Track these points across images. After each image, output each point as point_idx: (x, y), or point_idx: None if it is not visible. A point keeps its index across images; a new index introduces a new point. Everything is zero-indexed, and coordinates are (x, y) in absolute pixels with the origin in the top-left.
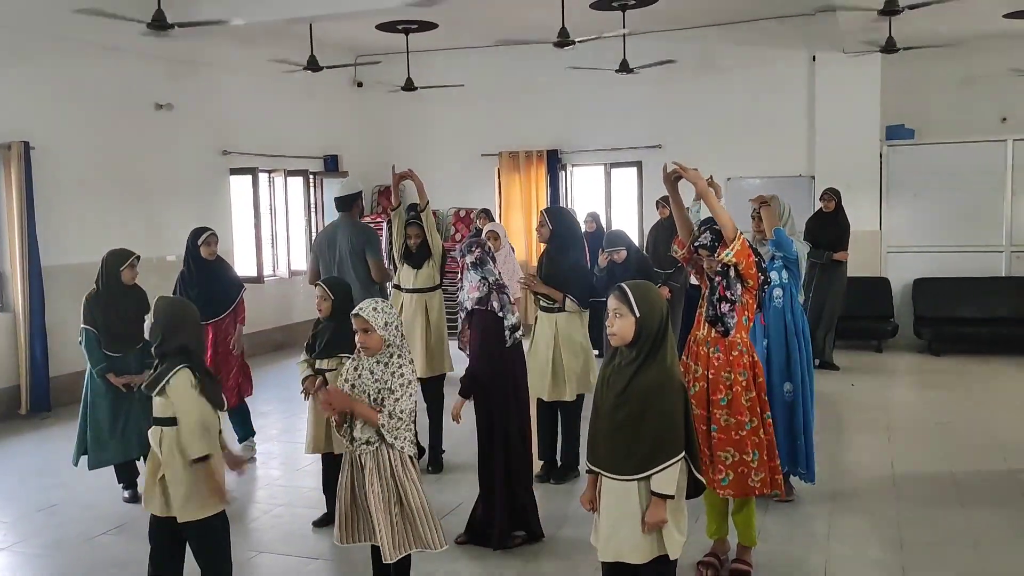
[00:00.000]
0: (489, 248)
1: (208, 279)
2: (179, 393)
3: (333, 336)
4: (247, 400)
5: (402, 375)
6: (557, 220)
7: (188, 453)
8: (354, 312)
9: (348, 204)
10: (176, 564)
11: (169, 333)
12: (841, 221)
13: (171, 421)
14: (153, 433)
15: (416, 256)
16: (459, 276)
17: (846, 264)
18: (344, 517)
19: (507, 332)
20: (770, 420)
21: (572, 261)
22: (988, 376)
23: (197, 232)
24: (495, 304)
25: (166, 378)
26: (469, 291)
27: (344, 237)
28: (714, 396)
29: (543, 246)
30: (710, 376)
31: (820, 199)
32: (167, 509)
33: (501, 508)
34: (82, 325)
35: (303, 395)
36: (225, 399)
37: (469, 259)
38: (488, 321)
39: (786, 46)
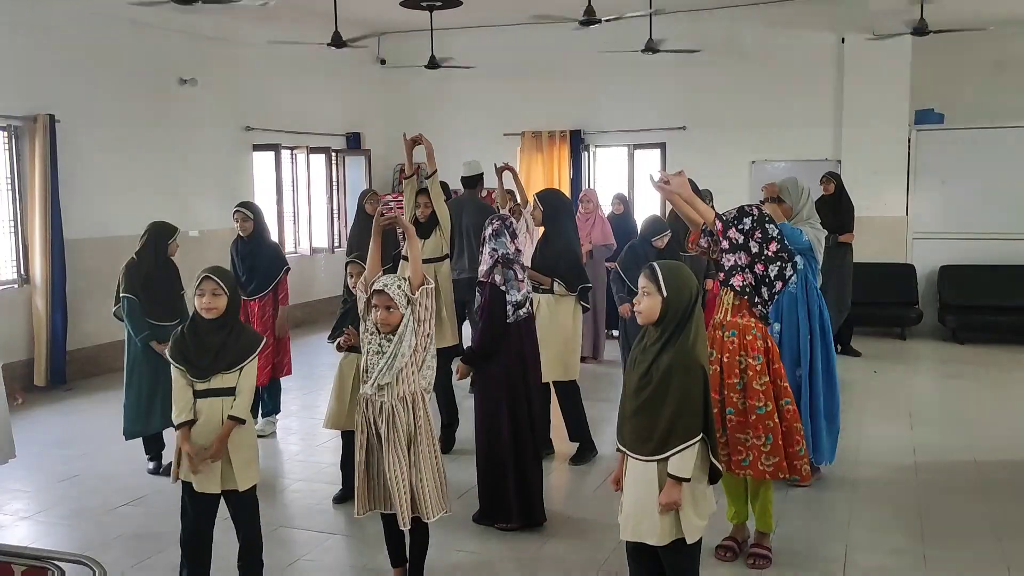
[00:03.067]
0: (511, 222)
1: (248, 256)
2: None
3: None
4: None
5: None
6: (547, 202)
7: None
8: (378, 288)
9: (473, 183)
10: (209, 544)
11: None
12: (844, 203)
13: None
14: (213, 405)
15: (424, 226)
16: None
17: (852, 248)
18: (361, 485)
19: (510, 307)
20: (790, 407)
21: (562, 244)
22: (1013, 365)
23: (238, 207)
24: (497, 278)
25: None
26: (482, 262)
27: (468, 214)
28: (729, 380)
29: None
30: (724, 360)
31: (819, 183)
32: (229, 482)
33: (515, 488)
34: (123, 294)
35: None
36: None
37: (488, 230)
38: (491, 294)
39: (815, 28)
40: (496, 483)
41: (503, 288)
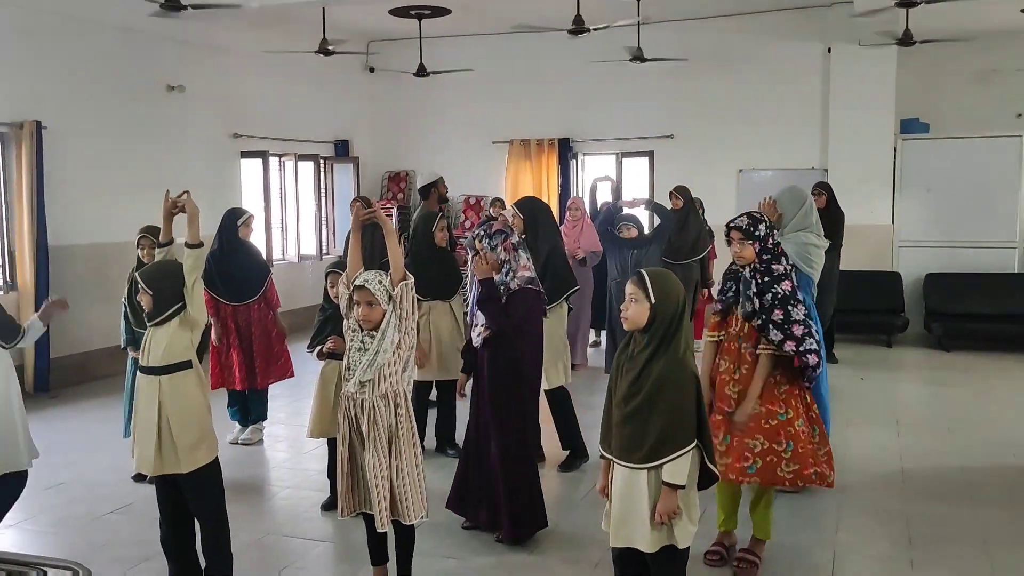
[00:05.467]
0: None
1: (242, 260)
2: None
3: None
4: (279, 383)
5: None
6: (524, 210)
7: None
8: (359, 284)
9: (426, 192)
10: (185, 543)
11: (165, 287)
12: (832, 214)
13: (179, 366)
14: (151, 384)
15: (443, 253)
16: (472, 259)
17: (839, 256)
18: (344, 486)
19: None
20: (814, 416)
21: (547, 249)
22: (998, 372)
23: (236, 212)
24: (540, 286)
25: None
26: (518, 270)
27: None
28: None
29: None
30: (743, 370)
31: (811, 194)
32: (171, 464)
33: (517, 496)
34: (123, 299)
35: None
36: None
37: (514, 239)
38: (534, 301)
39: (801, 38)
40: (520, 491)
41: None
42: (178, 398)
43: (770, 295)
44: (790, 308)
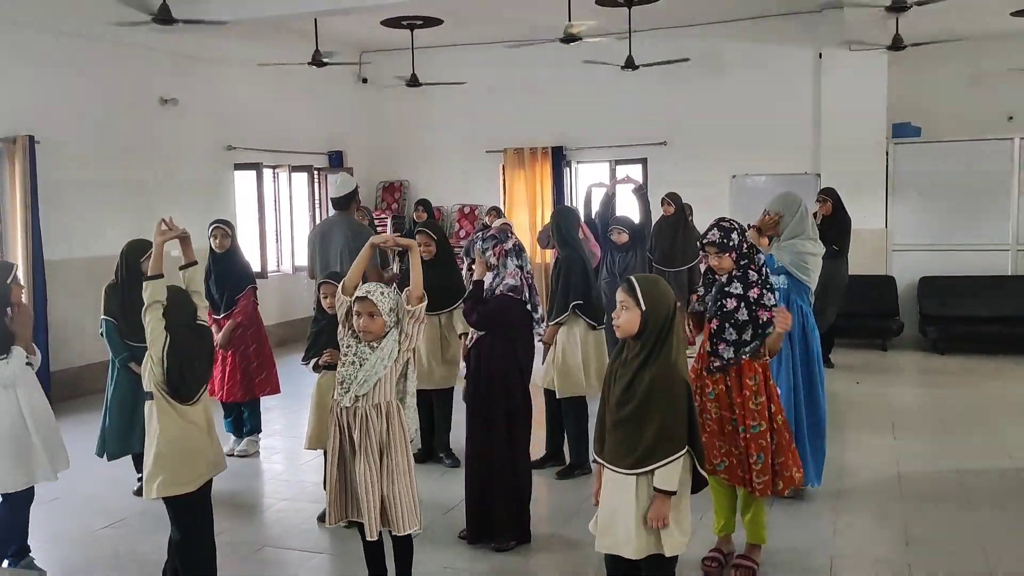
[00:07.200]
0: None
1: (220, 273)
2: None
3: None
4: (264, 398)
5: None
6: (553, 219)
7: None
8: (360, 295)
9: (346, 203)
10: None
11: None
12: (839, 219)
13: (147, 395)
14: (150, 409)
15: (434, 265)
16: (468, 262)
17: (846, 261)
18: (334, 494)
19: (536, 323)
20: (780, 419)
21: (561, 260)
22: (993, 375)
23: (210, 224)
24: (526, 294)
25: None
26: (505, 276)
27: (341, 234)
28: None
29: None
30: (732, 375)
31: (816, 201)
32: (148, 490)
33: (502, 503)
34: (103, 316)
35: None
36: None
37: (508, 245)
38: (517, 311)
39: (792, 43)
40: (491, 498)
41: (529, 306)
42: (149, 426)
43: (739, 301)
44: (751, 311)
